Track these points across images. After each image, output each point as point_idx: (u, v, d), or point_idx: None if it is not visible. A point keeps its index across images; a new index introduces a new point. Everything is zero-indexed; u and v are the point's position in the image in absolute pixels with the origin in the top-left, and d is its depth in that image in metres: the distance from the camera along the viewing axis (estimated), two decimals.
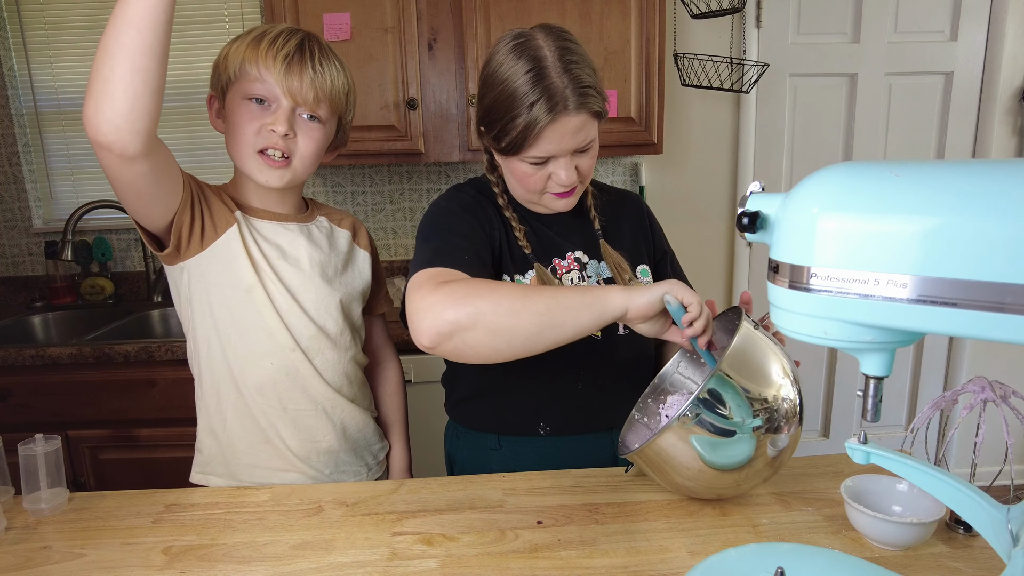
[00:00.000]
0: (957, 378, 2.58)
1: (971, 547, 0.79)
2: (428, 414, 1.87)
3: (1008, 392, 0.80)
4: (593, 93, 0.91)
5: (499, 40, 0.94)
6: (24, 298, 2.30)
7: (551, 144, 0.91)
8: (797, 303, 0.51)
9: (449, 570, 0.77)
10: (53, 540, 0.85)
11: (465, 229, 0.97)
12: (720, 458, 0.80)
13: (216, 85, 0.99)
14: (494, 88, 0.92)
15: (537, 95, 0.88)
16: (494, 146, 0.96)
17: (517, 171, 0.96)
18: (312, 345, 1.03)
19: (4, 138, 2.24)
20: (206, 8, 2.21)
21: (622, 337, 1.04)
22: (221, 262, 0.97)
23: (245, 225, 0.99)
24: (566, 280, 1.03)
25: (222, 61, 0.96)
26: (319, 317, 1.03)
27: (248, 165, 0.97)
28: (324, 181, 2.33)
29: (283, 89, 0.93)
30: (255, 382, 1.01)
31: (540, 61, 0.89)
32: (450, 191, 1.06)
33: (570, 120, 0.89)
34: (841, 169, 0.50)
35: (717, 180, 2.44)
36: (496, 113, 0.92)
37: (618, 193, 1.16)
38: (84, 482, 1.76)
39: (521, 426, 1.06)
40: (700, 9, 2.09)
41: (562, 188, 0.96)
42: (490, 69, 0.93)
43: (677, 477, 0.84)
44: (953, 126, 2.43)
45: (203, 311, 0.99)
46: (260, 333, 0.99)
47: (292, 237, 1.04)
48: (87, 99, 0.76)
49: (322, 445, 1.06)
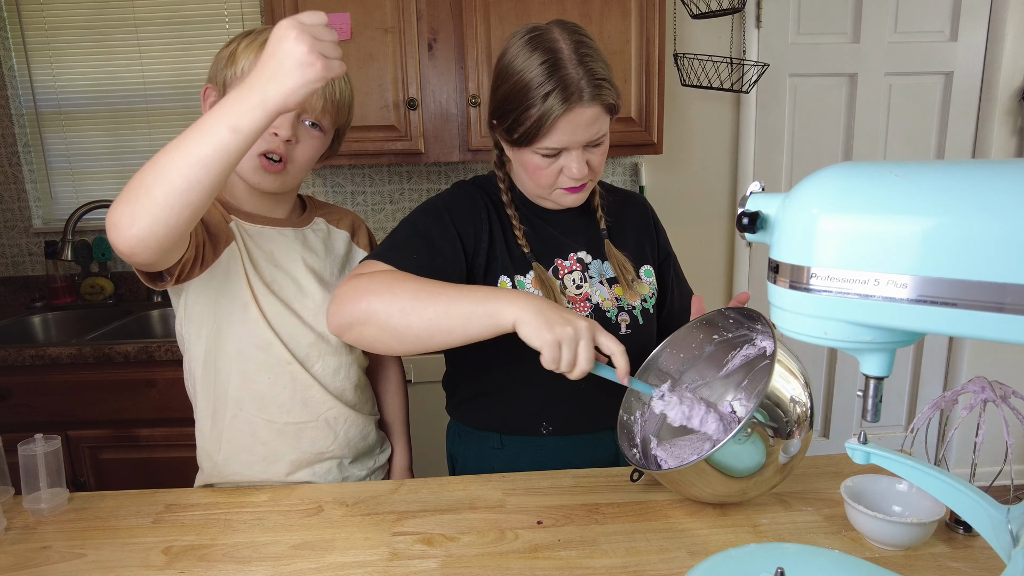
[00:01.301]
0: (957, 378, 2.58)
1: (971, 547, 0.79)
2: (428, 414, 1.87)
3: (1008, 392, 0.80)
4: (607, 86, 0.91)
5: (513, 34, 0.95)
6: (24, 298, 2.30)
7: (564, 135, 0.91)
8: (797, 303, 0.51)
9: (449, 570, 0.77)
10: (53, 540, 0.85)
11: (436, 233, 0.97)
12: (734, 468, 0.80)
13: (217, 78, 0.96)
14: (508, 79, 0.93)
15: (552, 85, 0.88)
16: (506, 138, 0.97)
17: (528, 164, 0.96)
18: (311, 352, 1.01)
19: (4, 138, 2.24)
20: (206, 8, 2.21)
21: (624, 336, 1.04)
22: (219, 280, 0.96)
23: (241, 239, 0.98)
24: (568, 280, 1.03)
25: (228, 57, 0.94)
26: (317, 324, 1.02)
27: (244, 166, 0.95)
28: (324, 181, 2.33)
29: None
30: (253, 398, 0.99)
31: (556, 53, 0.89)
32: (451, 188, 1.06)
33: (584, 111, 0.90)
34: (841, 169, 0.50)
35: (717, 180, 2.44)
36: (510, 103, 0.92)
37: (624, 194, 1.16)
38: (84, 482, 1.76)
39: (523, 426, 1.06)
40: (700, 9, 2.09)
41: (573, 182, 0.96)
42: (505, 61, 0.94)
43: (688, 488, 0.84)
44: (953, 126, 2.43)
45: (198, 331, 0.99)
46: (255, 349, 0.98)
47: (287, 243, 1.03)
48: (122, 203, 0.72)
49: (324, 456, 1.05)
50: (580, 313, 0.93)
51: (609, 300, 1.04)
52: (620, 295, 1.05)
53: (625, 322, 1.04)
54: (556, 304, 0.82)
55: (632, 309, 1.05)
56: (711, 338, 0.99)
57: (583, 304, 1.03)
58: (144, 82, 2.25)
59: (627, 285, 1.05)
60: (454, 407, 1.15)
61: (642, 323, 1.06)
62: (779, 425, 0.78)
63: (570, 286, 1.03)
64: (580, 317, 0.80)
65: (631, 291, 1.06)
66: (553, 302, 0.82)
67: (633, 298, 1.06)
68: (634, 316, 1.05)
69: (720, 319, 0.97)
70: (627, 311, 1.05)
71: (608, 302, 1.04)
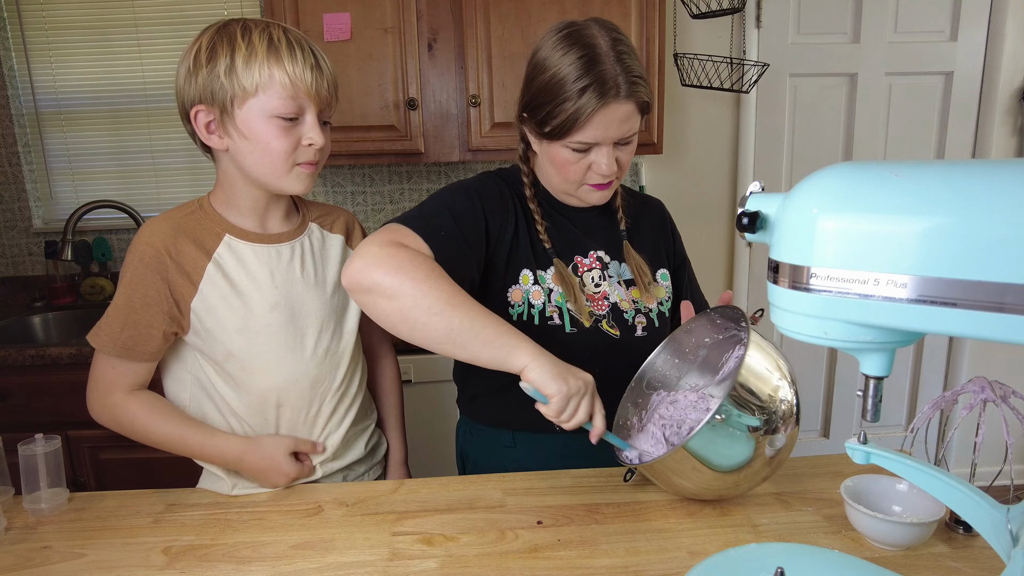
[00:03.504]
0: (957, 378, 2.58)
1: (971, 547, 0.79)
2: (431, 414, 1.88)
3: (1008, 392, 0.80)
4: (643, 84, 0.92)
5: (548, 31, 0.96)
6: (24, 298, 2.30)
7: (598, 130, 0.92)
8: (797, 303, 0.51)
9: (449, 570, 0.77)
10: (53, 540, 0.85)
11: (464, 211, 0.96)
12: (720, 460, 0.80)
13: (213, 98, 0.89)
14: (544, 72, 0.93)
15: (590, 80, 0.89)
16: (537, 131, 0.97)
17: (558, 158, 0.96)
18: (317, 372, 1.00)
19: (4, 138, 2.24)
20: (206, 8, 2.21)
21: (640, 338, 1.04)
22: (203, 338, 0.95)
23: (221, 274, 0.94)
24: (587, 278, 1.03)
25: (227, 73, 0.87)
26: (317, 340, 1.00)
27: (284, 182, 0.93)
28: (324, 181, 2.33)
29: (314, 99, 0.90)
30: (254, 430, 0.99)
31: (593, 48, 0.90)
32: (480, 176, 1.06)
33: (620, 107, 0.91)
34: (841, 169, 0.50)
35: (717, 180, 2.44)
36: (545, 96, 0.93)
37: (642, 197, 1.17)
38: (84, 482, 1.76)
39: (536, 422, 1.06)
40: (700, 9, 2.09)
41: (601, 178, 0.97)
42: (541, 55, 0.95)
43: (678, 481, 0.84)
44: (953, 126, 2.43)
45: (179, 388, 1.00)
46: (257, 383, 0.97)
47: (283, 263, 0.99)
48: (100, 406, 0.98)
49: (322, 469, 1.04)
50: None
51: (626, 301, 1.04)
52: (637, 297, 1.06)
53: (642, 324, 1.05)
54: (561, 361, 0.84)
55: (648, 312, 1.06)
56: (703, 341, 0.99)
57: (601, 302, 1.03)
58: (144, 82, 2.25)
59: (644, 287, 1.06)
60: (466, 402, 1.14)
61: (657, 326, 1.06)
62: (754, 409, 0.79)
63: (589, 284, 1.03)
64: (584, 372, 0.85)
65: (648, 293, 1.06)
66: (557, 360, 0.84)
67: (650, 300, 1.06)
68: (650, 319, 1.06)
69: (708, 322, 0.97)
70: (644, 313, 1.05)
71: (625, 303, 1.04)
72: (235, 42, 0.88)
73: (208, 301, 0.93)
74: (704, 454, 0.79)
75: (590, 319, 1.01)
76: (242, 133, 0.90)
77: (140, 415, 0.96)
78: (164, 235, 0.93)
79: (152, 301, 0.92)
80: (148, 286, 0.92)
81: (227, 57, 0.87)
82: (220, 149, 0.93)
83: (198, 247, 0.94)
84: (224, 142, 0.92)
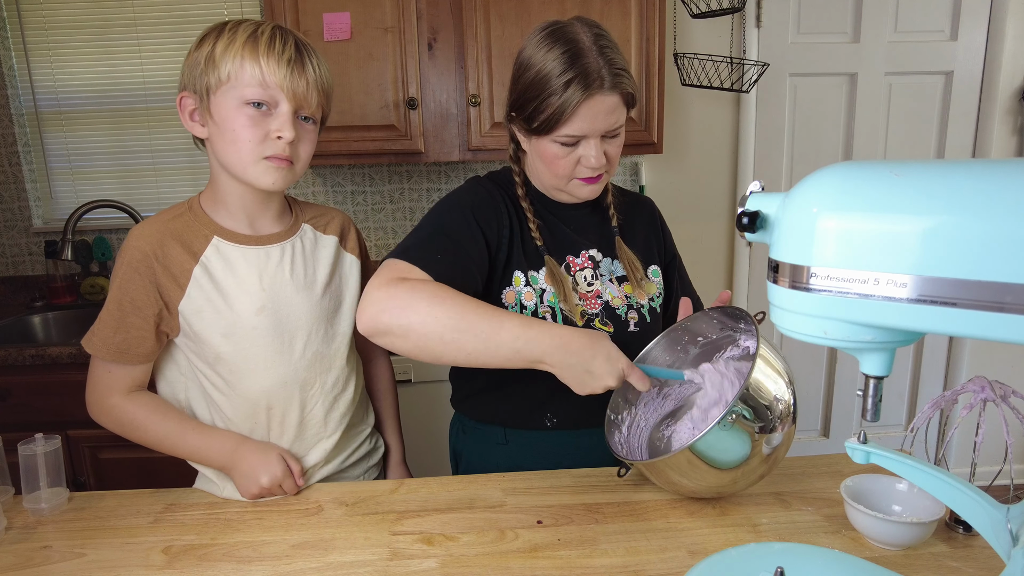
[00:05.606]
0: (957, 378, 2.58)
1: (971, 547, 0.79)
2: (429, 413, 1.88)
3: (1008, 392, 0.80)
4: (627, 76, 0.93)
5: (533, 31, 0.97)
6: (24, 298, 2.30)
7: (584, 122, 0.93)
8: (797, 303, 0.51)
9: (449, 570, 0.77)
10: (53, 540, 0.85)
11: (458, 228, 0.97)
12: (719, 457, 0.80)
13: (195, 85, 0.91)
14: (529, 69, 0.95)
15: (574, 73, 0.90)
16: (525, 128, 0.98)
17: (547, 153, 0.97)
18: (306, 375, 1.00)
19: (4, 138, 2.24)
20: (206, 8, 2.21)
21: (633, 333, 1.04)
22: (192, 340, 0.95)
23: (207, 277, 0.94)
24: (579, 277, 1.04)
25: (206, 60, 0.89)
26: (307, 342, 1.00)
27: (250, 173, 0.91)
28: (324, 181, 2.33)
29: (288, 93, 0.90)
30: (240, 431, 0.99)
31: (576, 44, 0.92)
32: (469, 183, 1.06)
33: (605, 99, 0.92)
34: (841, 169, 0.50)
35: (717, 180, 2.44)
36: (531, 92, 0.94)
37: (632, 195, 1.18)
38: (84, 482, 1.76)
39: (528, 418, 1.07)
40: (700, 9, 2.09)
41: (590, 172, 0.98)
42: (526, 54, 0.96)
43: (676, 478, 0.84)
44: (953, 126, 2.43)
45: (174, 390, 1.00)
46: (246, 386, 0.97)
47: (271, 265, 0.98)
48: (99, 408, 0.99)
49: (318, 474, 1.05)
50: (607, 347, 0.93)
51: (619, 298, 1.05)
52: (629, 293, 1.06)
53: (634, 320, 1.05)
54: (587, 338, 0.86)
55: (641, 307, 1.07)
56: (696, 340, 1.00)
57: (594, 301, 1.04)
58: (144, 82, 2.25)
59: (636, 283, 1.07)
60: (460, 400, 1.15)
61: (649, 322, 1.07)
62: (758, 408, 0.79)
63: (581, 283, 1.04)
64: (598, 344, 0.87)
65: (640, 289, 1.07)
66: (584, 334, 0.86)
67: (642, 296, 1.07)
68: (642, 314, 1.06)
69: (705, 321, 0.98)
70: (636, 309, 1.06)
71: (618, 299, 1.05)
72: (222, 34, 0.90)
73: (195, 304, 0.93)
74: (706, 453, 0.79)
75: (582, 318, 1.02)
76: (215, 121, 0.91)
77: (139, 415, 0.96)
78: (151, 238, 0.93)
79: (142, 305, 0.92)
80: (137, 290, 0.92)
81: (210, 46, 0.90)
82: (201, 137, 0.95)
83: (185, 249, 0.94)
84: (205, 130, 0.93)
